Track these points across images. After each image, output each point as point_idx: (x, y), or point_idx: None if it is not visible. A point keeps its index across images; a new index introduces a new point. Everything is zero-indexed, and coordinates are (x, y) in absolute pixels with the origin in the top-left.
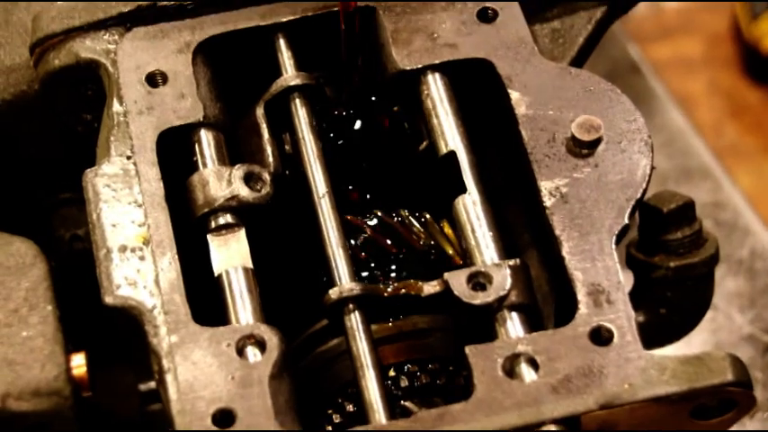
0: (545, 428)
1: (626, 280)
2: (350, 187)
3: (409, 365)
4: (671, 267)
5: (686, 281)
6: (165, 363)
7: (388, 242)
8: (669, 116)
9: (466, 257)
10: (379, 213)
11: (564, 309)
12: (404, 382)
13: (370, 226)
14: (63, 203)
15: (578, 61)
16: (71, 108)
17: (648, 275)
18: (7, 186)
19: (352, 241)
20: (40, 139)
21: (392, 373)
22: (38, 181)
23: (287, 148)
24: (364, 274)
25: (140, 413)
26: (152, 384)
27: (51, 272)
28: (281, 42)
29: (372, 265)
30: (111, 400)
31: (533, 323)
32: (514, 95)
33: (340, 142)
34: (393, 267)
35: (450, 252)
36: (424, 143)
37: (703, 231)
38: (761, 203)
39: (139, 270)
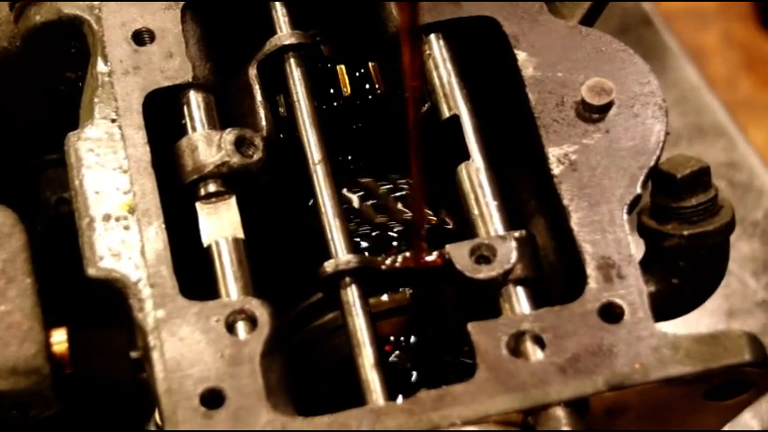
0: (551, 411)
1: (637, 248)
2: None
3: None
4: (684, 236)
5: (700, 249)
6: (151, 339)
7: (402, 209)
8: (682, 71)
9: (468, 228)
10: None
11: (572, 282)
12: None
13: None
14: (49, 165)
15: (589, 20)
16: (54, 66)
17: (660, 244)
18: None
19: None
20: (22, 98)
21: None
22: (23, 142)
23: (281, 110)
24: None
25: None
26: None
27: (30, 242)
28: None
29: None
30: (102, 363)
31: (540, 297)
32: (521, 56)
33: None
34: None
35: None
36: (426, 105)
37: (719, 197)
38: None
39: (124, 240)
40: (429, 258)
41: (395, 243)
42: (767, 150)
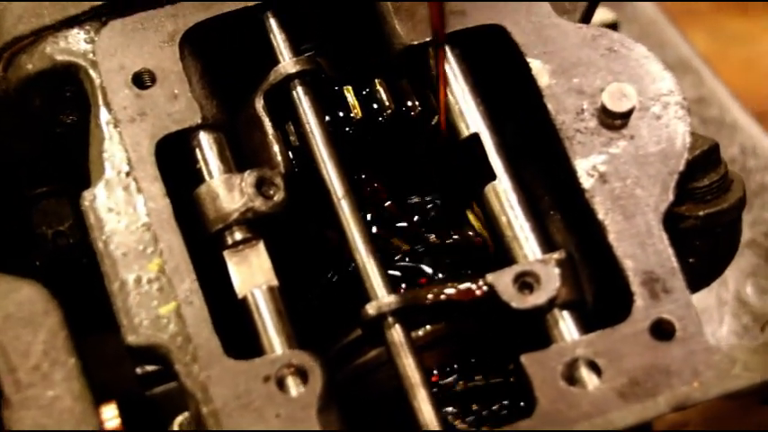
0: None
1: None
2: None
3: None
4: (700, 216)
5: (715, 228)
6: (204, 407)
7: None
8: (639, 4)
9: (501, 249)
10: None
11: (613, 297)
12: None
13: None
14: (42, 197)
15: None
16: (48, 111)
17: (676, 226)
18: None
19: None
20: (12, 138)
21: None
22: (12, 176)
23: (292, 139)
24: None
25: (143, 395)
26: (148, 368)
27: (66, 317)
28: (272, 22)
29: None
30: (104, 371)
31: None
32: (535, 64)
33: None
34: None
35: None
36: (435, 119)
37: (729, 172)
38: (718, 64)
39: (159, 302)
40: (472, 289)
41: (428, 270)
42: (708, 54)
